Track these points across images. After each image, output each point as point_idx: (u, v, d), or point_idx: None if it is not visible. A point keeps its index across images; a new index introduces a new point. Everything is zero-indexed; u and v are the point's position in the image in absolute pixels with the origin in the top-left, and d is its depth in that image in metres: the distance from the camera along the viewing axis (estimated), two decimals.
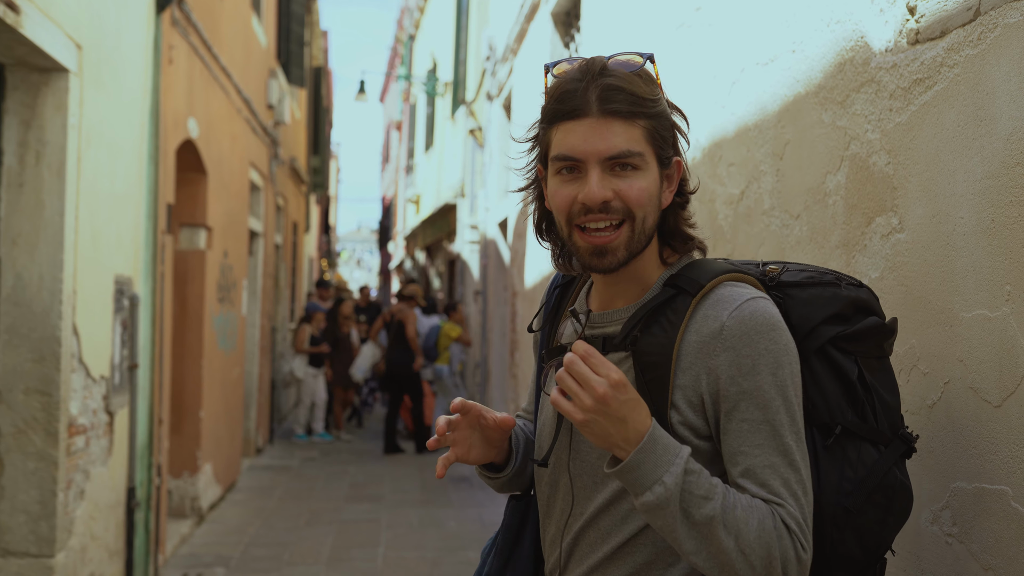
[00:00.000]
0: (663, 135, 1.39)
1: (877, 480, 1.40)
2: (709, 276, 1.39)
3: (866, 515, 1.39)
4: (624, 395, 1.26)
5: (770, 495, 1.28)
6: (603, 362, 1.26)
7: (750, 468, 1.30)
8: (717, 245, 2.92)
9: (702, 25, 3.09)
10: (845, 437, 1.40)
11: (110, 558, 4.64)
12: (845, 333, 1.43)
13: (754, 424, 1.30)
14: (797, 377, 1.34)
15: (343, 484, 8.60)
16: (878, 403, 1.44)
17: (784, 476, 1.29)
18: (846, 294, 1.46)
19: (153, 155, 5.22)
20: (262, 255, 10.01)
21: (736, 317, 1.32)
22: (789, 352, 1.33)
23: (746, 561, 1.25)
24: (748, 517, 1.26)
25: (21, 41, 3.49)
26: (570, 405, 1.26)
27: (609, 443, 1.28)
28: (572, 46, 5.94)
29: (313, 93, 16.17)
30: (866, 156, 1.97)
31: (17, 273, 3.80)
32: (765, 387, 1.30)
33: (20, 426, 3.78)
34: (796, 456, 1.30)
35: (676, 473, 1.25)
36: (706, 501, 1.26)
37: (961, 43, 1.65)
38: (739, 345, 1.31)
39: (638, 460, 1.26)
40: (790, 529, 1.27)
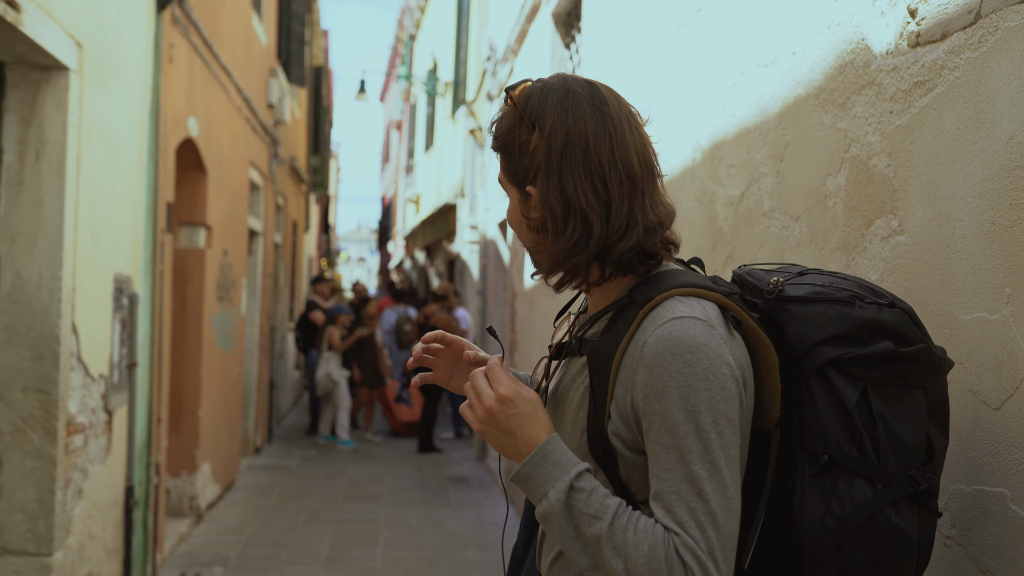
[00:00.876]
0: (510, 166, 1.45)
1: (862, 519, 1.31)
2: (662, 289, 1.35)
3: (850, 556, 1.32)
4: (511, 410, 1.34)
5: (672, 523, 1.24)
6: (497, 378, 1.35)
7: (659, 492, 1.27)
8: (717, 247, 2.92)
9: (703, 27, 3.09)
10: (836, 469, 1.33)
11: (108, 557, 4.64)
12: (849, 356, 1.35)
13: (663, 448, 1.27)
14: (721, 403, 1.26)
15: (342, 484, 8.60)
16: (884, 437, 1.33)
17: (690, 505, 1.24)
18: (858, 314, 1.36)
19: (153, 154, 5.22)
20: (262, 254, 10.01)
21: (656, 335, 1.29)
22: (710, 376, 1.26)
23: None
24: (639, 542, 1.24)
25: (21, 39, 3.49)
26: (470, 414, 1.38)
27: (506, 453, 1.36)
28: (573, 47, 5.94)
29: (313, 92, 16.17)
30: (866, 158, 1.97)
31: (16, 271, 3.80)
32: (673, 411, 1.26)
33: (18, 424, 3.78)
34: (706, 486, 1.24)
35: (560, 488, 1.29)
36: (595, 520, 1.27)
37: (962, 46, 1.65)
38: (653, 365, 1.28)
39: (526, 473, 1.32)
40: (684, 561, 1.22)
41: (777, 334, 1.38)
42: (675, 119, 3.38)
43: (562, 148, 1.37)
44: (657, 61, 3.64)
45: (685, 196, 3.27)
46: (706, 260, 2.95)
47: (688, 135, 3.23)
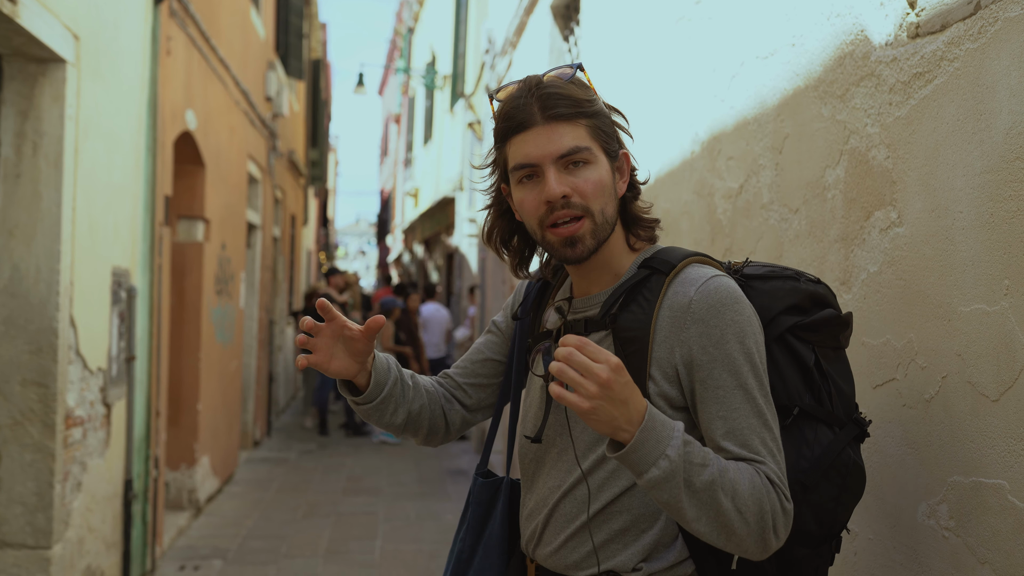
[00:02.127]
0: (605, 131, 1.52)
1: (832, 459, 1.49)
2: (679, 258, 1.52)
3: (821, 491, 1.48)
4: (624, 377, 1.30)
5: (751, 454, 1.38)
6: (598, 349, 1.29)
7: (731, 430, 1.40)
8: (716, 239, 2.92)
9: (702, 18, 3.09)
10: (803, 418, 1.51)
11: (107, 550, 4.64)
12: (803, 323, 1.54)
13: (728, 389, 1.41)
14: (762, 346, 1.45)
15: (340, 477, 8.61)
16: (834, 389, 1.55)
17: (761, 435, 1.39)
18: (804, 288, 1.56)
19: (151, 147, 5.21)
20: (260, 248, 10.00)
21: (703, 292, 1.44)
22: (752, 323, 1.45)
23: (742, 518, 1.33)
24: (739, 478, 1.34)
25: (18, 31, 3.48)
26: (575, 396, 1.27)
27: (613, 427, 1.30)
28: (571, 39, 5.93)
29: (312, 85, 16.14)
30: (865, 150, 1.97)
31: (14, 264, 3.80)
32: (734, 354, 1.41)
33: (17, 418, 3.78)
34: (768, 417, 1.41)
35: (677, 446, 1.32)
36: (704, 468, 1.33)
37: (961, 37, 1.64)
38: (707, 317, 1.43)
39: (642, 439, 1.30)
40: (774, 483, 1.36)
41: None
42: (674, 111, 3.38)
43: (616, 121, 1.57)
44: (656, 53, 3.63)
45: (684, 188, 3.27)
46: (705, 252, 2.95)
47: (687, 127, 3.22)
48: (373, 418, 1.67)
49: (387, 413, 1.67)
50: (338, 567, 5.77)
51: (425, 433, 1.75)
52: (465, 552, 1.69)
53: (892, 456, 1.85)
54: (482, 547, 1.68)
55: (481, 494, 1.72)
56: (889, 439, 1.87)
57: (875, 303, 1.93)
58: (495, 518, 1.69)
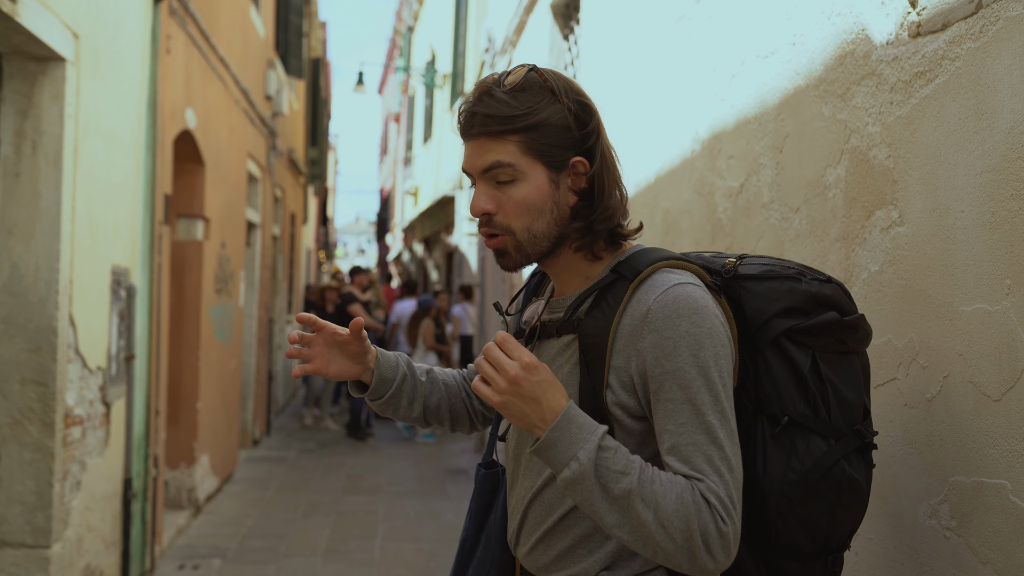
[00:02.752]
0: (545, 142, 1.44)
1: (821, 472, 1.43)
2: (647, 263, 1.46)
3: (811, 506, 1.42)
4: (536, 376, 1.34)
5: (692, 471, 1.33)
6: (516, 347, 1.35)
7: (674, 446, 1.35)
8: (716, 238, 2.91)
9: (702, 17, 3.08)
10: (794, 429, 1.44)
11: (106, 549, 4.64)
12: (800, 327, 1.47)
13: (677, 404, 1.35)
14: (723, 359, 1.37)
15: (340, 476, 8.60)
16: (833, 397, 1.47)
17: (707, 453, 1.33)
18: (805, 288, 1.49)
19: (150, 145, 5.20)
20: (260, 246, 9.99)
21: (661, 301, 1.38)
22: (714, 335, 1.37)
23: (666, 533, 1.30)
24: (666, 491, 1.31)
25: (18, 30, 3.47)
26: (488, 389, 1.35)
27: (528, 423, 1.36)
28: (571, 38, 5.92)
29: (311, 84, 16.13)
30: (866, 149, 1.97)
31: (13, 263, 3.79)
32: (686, 368, 1.35)
33: (16, 416, 3.78)
34: (719, 434, 1.34)
35: (590, 449, 1.31)
36: (623, 476, 1.31)
37: (963, 36, 1.64)
38: (662, 328, 1.37)
39: (554, 438, 1.33)
40: (710, 503, 1.30)
41: (734, 309, 1.48)
42: (674, 110, 3.37)
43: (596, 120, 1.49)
44: (656, 52, 3.63)
45: (684, 187, 3.26)
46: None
47: (687, 126, 3.22)
48: (389, 412, 1.74)
49: (401, 407, 1.74)
50: (338, 566, 5.77)
51: (449, 423, 1.82)
52: (468, 541, 1.70)
53: (893, 456, 1.85)
54: (484, 537, 1.68)
55: (483, 484, 1.71)
56: (890, 439, 1.86)
57: (876, 302, 1.92)
58: (497, 507, 1.69)
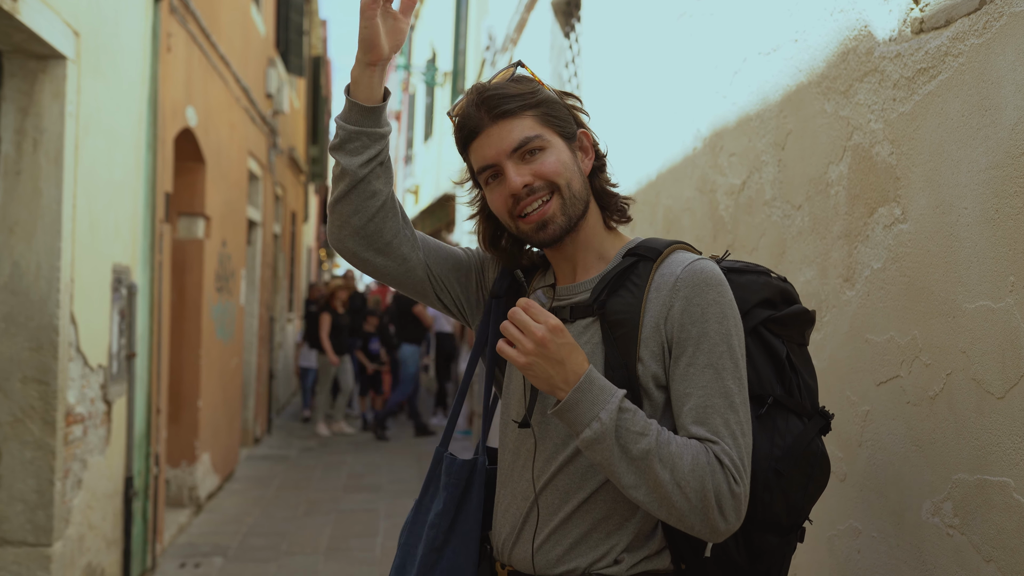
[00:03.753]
0: (556, 116, 1.56)
1: (803, 447, 1.52)
2: (665, 245, 1.56)
3: (792, 480, 1.51)
4: (561, 338, 1.41)
5: (709, 433, 1.40)
6: (541, 311, 1.42)
7: (693, 407, 1.42)
8: (718, 236, 2.91)
9: (703, 14, 3.08)
10: (776, 409, 1.53)
11: (108, 547, 4.64)
12: (775, 317, 1.57)
13: (699, 368, 1.43)
14: (740, 331, 1.47)
15: (341, 474, 8.60)
16: (801, 382, 1.58)
17: (724, 416, 1.40)
18: (775, 283, 1.61)
19: (151, 144, 5.20)
20: (260, 245, 9.99)
21: (689, 271, 1.48)
22: (734, 308, 1.48)
23: (681, 493, 1.36)
24: (682, 452, 1.38)
25: (19, 28, 3.47)
26: (514, 351, 1.41)
27: (551, 384, 1.41)
28: (572, 36, 5.91)
29: (312, 82, 16.13)
30: (869, 146, 1.96)
31: (15, 261, 3.79)
32: (711, 333, 1.44)
33: (17, 415, 3.77)
34: (736, 399, 1.42)
35: (611, 410, 1.38)
36: (641, 437, 1.38)
37: (966, 32, 1.63)
38: (690, 295, 1.46)
39: (576, 399, 1.39)
40: (723, 464, 1.37)
41: None
42: (676, 107, 3.37)
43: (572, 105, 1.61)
44: (658, 49, 3.62)
45: (686, 185, 3.26)
46: (707, 249, 2.95)
47: (689, 124, 3.21)
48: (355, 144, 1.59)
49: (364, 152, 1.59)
50: (339, 564, 5.77)
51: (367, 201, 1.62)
52: (438, 540, 1.62)
53: (896, 453, 1.85)
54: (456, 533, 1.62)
55: (459, 475, 1.67)
56: (893, 436, 1.86)
57: (879, 300, 1.92)
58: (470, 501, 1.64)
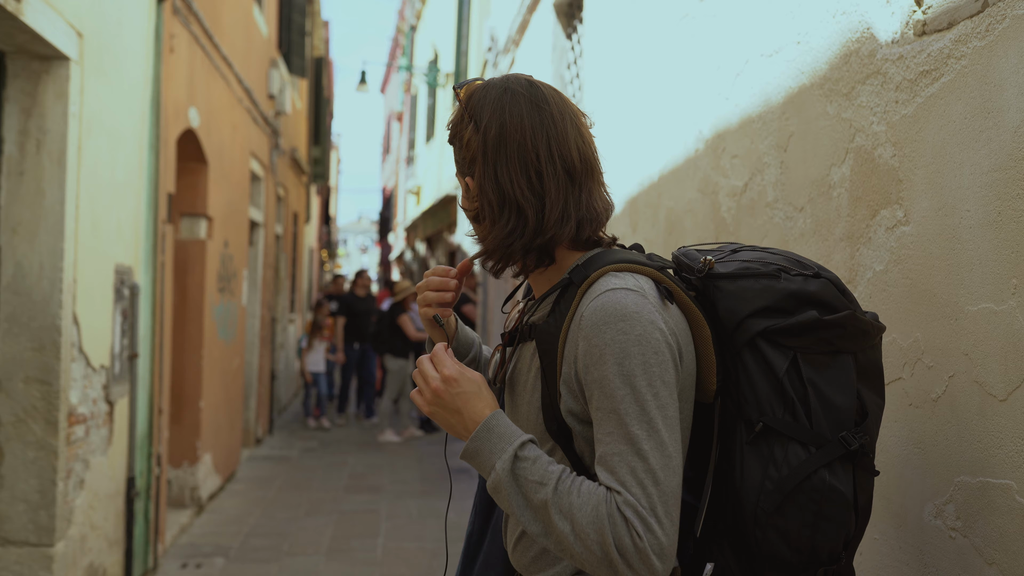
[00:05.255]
0: (457, 157, 1.53)
1: (797, 481, 1.36)
2: (598, 267, 1.42)
3: (789, 517, 1.37)
4: (455, 389, 1.42)
5: (614, 482, 1.30)
6: (443, 360, 1.44)
7: (601, 455, 1.33)
8: (720, 237, 2.91)
9: (706, 16, 3.08)
10: (771, 435, 1.38)
11: (110, 547, 4.64)
12: (777, 327, 1.40)
13: (604, 413, 1.33)
14: (655, 367, 1.31)
15: (342, 475, 8.61)
16: (816, 401, 1.39)
17: (630, 464, 1.29)
18: (783, 286, 1.42)
19: (154, 144, 5.21)
20: (263, 245, 10.00)
21: (592, 307, 1.36)
22: (643, 342, 1.32)
23: (582, 544, 1.29)
24: (583, 503, 1.30)
25: (22, 29, 3.47)
26: (419, 399, 1.46)
27: (455, 432, 1.44)
28: (574, 37, 5.92)
29: (314, 83, 16.14)
30: (871, 148, 1.96)
31: (17, 261, 3.79)
32: (610, 376, 1.32)
33: (20, 415, 3.78)
34: (643, 445, 1.29)
35: (505, 460, 1.35)
36: (540, 486, 1.33)
37: (969, 35, 1.63)
38: (590, 335, 1.35)
39: (474, 448, 1.39)
40: (625, 517, 1.27)
41: (710, 310, 1.44)
42: (678, 109, 3.37)
43: (496, 141, 1.45)
44: (660, 51, 3.62)
45: (688, 186, 3.26)
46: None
47: (691, 125, 3.22)
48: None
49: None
50: (340, 565, 5.77)
51: None
52: (475, 535, 1.70)
53: (898, 456, 1.85)
54: (491, 530, 1.67)
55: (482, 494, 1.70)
56: (895, 438, 1.86)
57: (881, 302, 1.92)
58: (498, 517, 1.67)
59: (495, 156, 1.45)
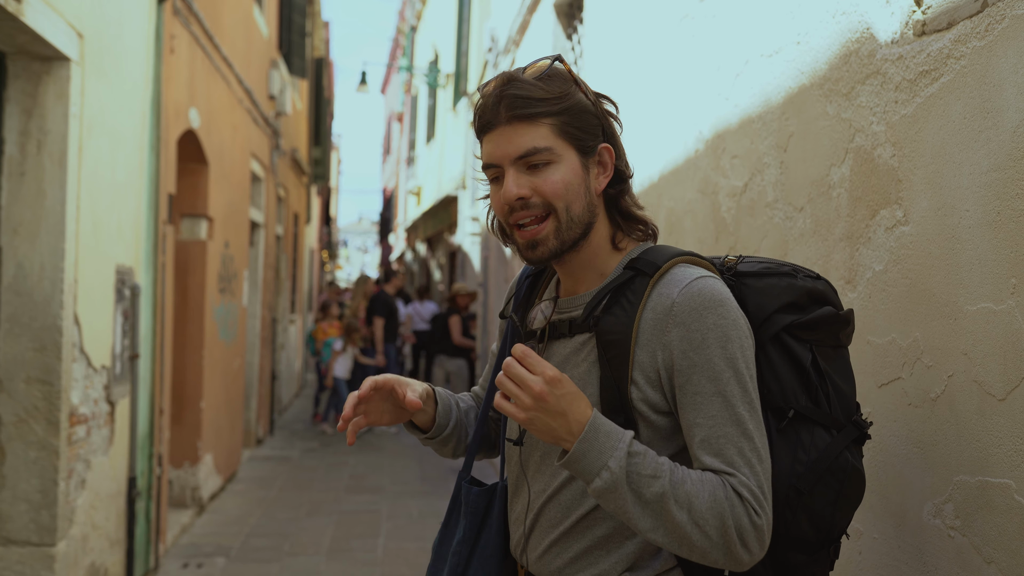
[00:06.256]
0: (576, 126, 1.46)
1: (828, 463, 1.44)
2: (665, 258, 1.47)
3: (817, 496, 1.44)
4: (560, 390, 1.33)
5: (724, 465, 1.34)
6: (539, 361, 1.34)
7: (706, 439, 1.35)
8: (720, 237, 2.91)
9: (706, 16, 3.08)
10: (799, 421, 1.46)
11: (111, 547, 4.65)
12: (800, 321, 1.48)
13: (707, 396, 1.36)
14: (748, 351, 1.39)
15: (343, 475, 8.61)
16: (832, 390, 1.49)
17: (738, 445, 1.34)
18: (801, 284, 1.51)
19: (154, 145, 5.21)
20: (263, 246, 10.00)
21: (685, 294, 1.39)
22: (738, 327, 1.39)
23: (701, 532, 1.31)
24: (699, 490, 1.32)
25: (23, 29, 3.48)
26: (512, 406, 1.34)
27: (554, 436, 1.35)
28: (575, 38, 5.92)
29: (314, 84, 16.14)
30: (871, 148, 1.97)
31: (18, 262, 3.80)
32: (715, 360, 1.36)
33: (21, 415, 3.78)
34: (749, 426, 1.35)
35: (620, 457, 1.32)
36: (654, 480, 1.32)
37: (968, 35, 1.64)
38: (689, 320, 1.38)
39: (582, 450, 1.33)
40: (742, 497, 1.32)
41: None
42: (678, 109, 3.37)
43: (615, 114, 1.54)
44: (660, 51, 3.62)
45: (688, 187, 3.26)
46: (709, 251, 2.95)
47: (691, 125, 3.22)
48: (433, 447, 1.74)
49: (447, 446, 1.75)
50: (341, 565, 5.78)
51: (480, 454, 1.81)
52: (460, 566, 1.63)
53: (897, 455, 1.85)
54: (476, 557, 1.63)
55: (477, 503, 1.67)
56: (894, 438, 1.86)
57: (880, 302, 1.92)
58: (490, 526, 1.65)
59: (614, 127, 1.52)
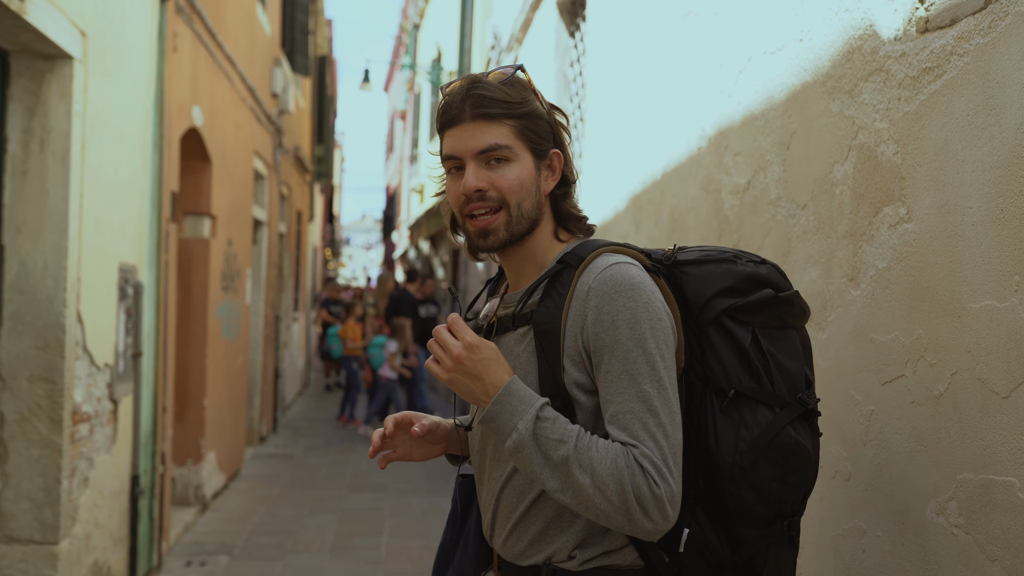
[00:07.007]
0: (533, 130, 1.57)
1: (769, 439, 1.51)
2: (590, 250, 1.57)
3: (761, 472, 1.50)
4: (477, 355, 1.48)
5: (629, 438, 1.42)
6: (463, 329, 1.50)
7: (614, 414, 1.44)
8: (723, 235, 2.91)
9: (708, 14, 3.08)
10: (741, 401, 1.52)
11: (114, 545, 4.65)
12: (739, 304, 1.55)
13: (616, 375, 1.45)
14: (660, 332, 1.46)
15: (346, 473, 8.62)
16: (775, 369, 1.55)
17: (643, 420, 1.42)
18: (740, 269, 1.58)
19: (157, 143, 5.21)
20: (266, 244, 10.01)
21: (600, 279, 1.49)
22: (650, 308, 1.47)
23: (603, 496, 1.39)
24: (602, 457, 1.41)
25: (26, 28, 3.48)
26: (438, 367, 1.51)
27: (474, 398, 1.50)
28: (577, 35, 5.91)
29: (317, 82, 16.14)
30: (874, 146, 1.96)
31: (21, 260, 3.80)
32: (623, 340, 1.45)
33: (24, 413, 3.79)
34: (656, 402, 1.43)
35: (528, 420, 1.44)
36: (560, 444, 1.42)
37: (971, 31, 1.63)
38: (601, 304, 1.47)
39: (495, 411, 1.47)
40: (643, 467, 1.40)
41: (677, 294, 1.57)
42: (681, 107, 3.37)
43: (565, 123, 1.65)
44: (662, 49, 3.62)
45: (690, 184, 3.26)
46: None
47: (693, 123, 3.21)
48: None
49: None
50: (344, 563, 5.78)
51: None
52: (446, 546, 1.78)
53: (901, 453, 1.85)
54: (462, 541, 1.75)
55: (461, 491, 1.79)
56: (898, 436, 1.86)
57: (884, 299, 1.92)
58: (473, 512, 1.76)
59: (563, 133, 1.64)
